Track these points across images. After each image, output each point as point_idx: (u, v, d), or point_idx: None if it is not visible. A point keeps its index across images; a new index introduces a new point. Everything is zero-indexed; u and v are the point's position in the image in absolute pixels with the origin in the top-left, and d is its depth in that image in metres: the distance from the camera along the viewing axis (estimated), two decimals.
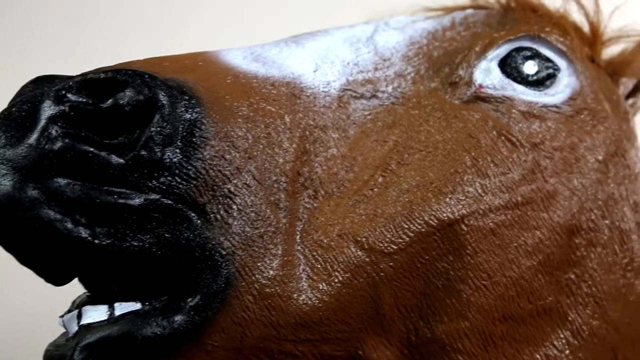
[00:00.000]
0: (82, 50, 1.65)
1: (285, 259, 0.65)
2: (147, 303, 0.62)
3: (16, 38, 1.75)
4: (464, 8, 0.96)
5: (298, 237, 0.67)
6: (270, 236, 0.64)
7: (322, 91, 0.76)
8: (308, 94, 0.74)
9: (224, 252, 0.62)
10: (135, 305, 0.62)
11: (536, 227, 0.76)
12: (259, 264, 0.63)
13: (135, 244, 0.60)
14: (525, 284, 0.74)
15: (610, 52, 1.00)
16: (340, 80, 0.78)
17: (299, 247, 0.66)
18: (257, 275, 0.63)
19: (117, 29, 1.72)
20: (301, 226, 0.67)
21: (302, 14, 1.47)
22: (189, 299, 0.61)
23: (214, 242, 0.62)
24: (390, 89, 0.80)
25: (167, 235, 0.60)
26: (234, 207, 0.63)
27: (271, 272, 0.63)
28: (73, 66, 0.75)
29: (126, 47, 1.64)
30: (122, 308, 0.61)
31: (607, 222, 0.82)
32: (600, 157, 0.84)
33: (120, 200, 0.60)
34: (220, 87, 0.68)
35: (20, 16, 1.78)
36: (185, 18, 1.71)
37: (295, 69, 0.76)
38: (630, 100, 1.05)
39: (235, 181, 0.64)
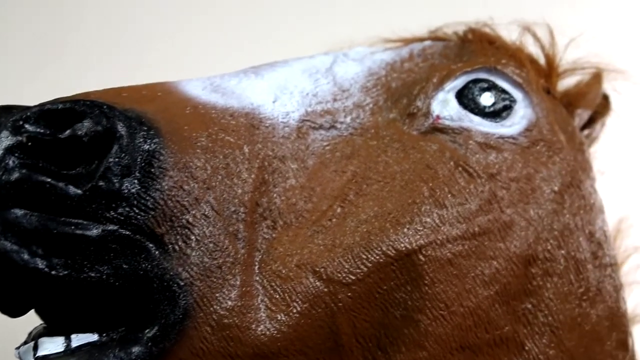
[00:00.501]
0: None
1: (243, 289, 0.65)
2: (104, 334, 0.62)
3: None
4: (422, 40, 0.98)
5: (256, 267, 0.67)
6: (229, 267, 0.65)
7: (281, 122, 0.77)
8: (267, 125, 0.75)
9: (182, 283, 0.62)
10: (93, 337, 0.62)
11: (493, 257, 0.77)
12: (217, 295, 0.63)
13: (92, 275, 0.60)
14: (482, 314, 0.75)
15: (565, 84, 1.02)
16: (299, 111, 0.79)
17: (258, 278, 0.67)
18: (215, 306, 0.63)
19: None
20: (260, 257, 0.68)
21: (260, 45, 1.48)
22: (147, 330, 0.61)
23: (172, 273, 0.62)
24: (348, 119, 0.81)
25: (124, 266, 0.61)
26: (193, 237, 0.64)
27: (229, 303, 0.64)
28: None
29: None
30: (79, 339, 0.61)
31: (563, 252, 0.83)
32: (556, 188, 0.85)
33: (78, 231, 0.60)
34: (179, 118, 0.69)
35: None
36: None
37: (254, 100, 0.78)
38: (586, 131, 1.07)
39: (193, 212, 0.64)
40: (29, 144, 0.60)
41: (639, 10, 1.74)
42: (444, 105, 0.85)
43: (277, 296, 0.67)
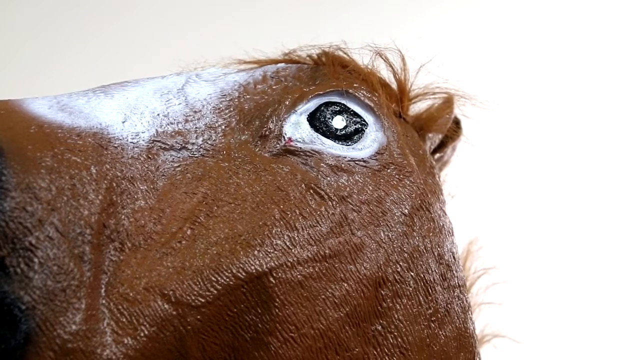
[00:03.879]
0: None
1: (88, 313, 0.67)
2: None
3: None
4: (275, 62, 1.02)
5: (103, 290, 0.69)
6: (74, 290, 0.66)
7: (131, 142, 0.79)
8: (116, 145, 0.77)
9: (24, 307, 0.63)
10: None
11: (344, 279, 0.80)
12: (60, 319, 0.65)
13: None
14: (332, 336, 0.79)
15: (417, 108, 1.09)
16: (149, 132, 0.82)
17: (104, 301, 0.69)
18: (58, 330, 0.65)
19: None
20: (106, 279, 0.70)
21: (110, 64, 1.49)
22: None
23: (12, 297, 0.63)
24: (200, 141, 0.84)
25: None
26: (36, 260, 0.65)
27: (74, 327, 0.65)
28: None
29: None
30: None
31: (412, 273, 0.87)
32: (406, 211, 0.90)
33: None
34: (23, 137, 0.70)
35: None
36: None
37: (103, 120, 0.80)
38: (437, 155, 1.14)
39: (37, 234, 0.66)
40: None
41: (489, 38, 1.87)
42: (296, 128, 0.89)
43: (124, 320, 0.69)
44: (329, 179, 0.86)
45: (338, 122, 0.91)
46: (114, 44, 1.70)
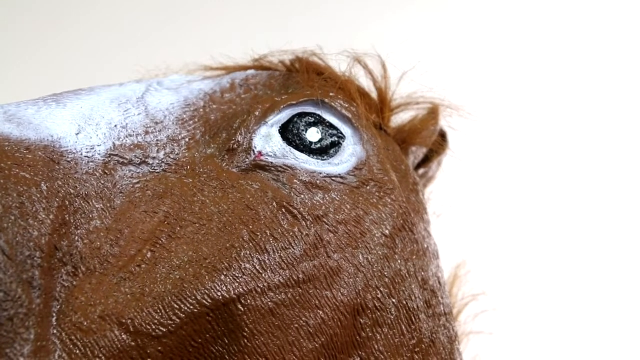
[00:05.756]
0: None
1: (38, 344, 0.66)
2: None
3: None
4: (245, 68, 1.03)
5: (54, 319, 0.69)
6: (22, 319, 0.66)
7: (85, 156, 0.79)
8: (69, 159, 0.77)
9: None
10: None
11: (319, 306, 0.80)
12: (7, 351, 0.64)
13: None
14: None
15: (399, 119, 1.09)
16: (106, 145, 0.82)
17: (55, 331, 0.68)
18: None
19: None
20: (58, 307, 0.70)
21: (64, 69, 1.49)
22: None
23: None
24: (161, 154, 0.85)
25: None
26: None
27: None
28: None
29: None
30: None
31: (393, 300, 0.87)
32: (386, 231, 0.90)
33: None
34: None
35: None
36: None
37: (54, 131, 0.79)
38: (421, 170, 1.15)
39: None
40: None
41: (477, 42, 1.88)
42: (267, 141, 0.89)
43: (77, 351, 0.68)
44: (302, 196, 0.86)
45: (312, 134, 0.92)
46: (66, 46, 1.70)
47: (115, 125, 0.85)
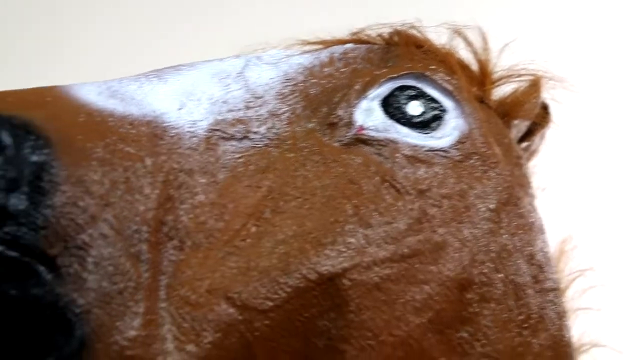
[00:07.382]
0: None
1: (148, 317, 0.67)
2: None
3: None
4: (343, 42, 1.01)
5: (162, 293, 0.69)
6: (131, 292, 0.66)
7: (188, 131, 0.79)
8: (172, 135, 0.78)
9: (78, 311, 0.64)
10: None
11: (424, 281, 0.79)
12: (118, 324, 0.65)
13: None
14: (414, 344, 0.78)
15: (501, 92, 1.07)
16: (207, 120, 0.82)
17: (164, 305, 0.69)
18: (116, 336, 0.65)
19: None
20: (166, 281, 0.70)
21: (164, 46, 1.51)
22: None
23: (66, 300, 0.63)
24: (263, 129, 0.84)
25: (12, 292, 0.62)
26: (89, 260, 0.65)
27: (132, 333, 0.65)
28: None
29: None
30: None
31: (500, 275, 0.86)
32: (491, 206, 0.89)
33: None
34: (72, 126, 0.71)
35: None
36: None
37: (157, 107, 0.80)
38: (524, 144, 1.12)
39: (90, 231, 0.66)
40: None
41: (577, 14, 1.84)
42: (368, 115, 0.89)
43: (186, 325, 0.69)
44: (405, 170, 0.85)
45: (414, 108, 0.90)
46: (174, 20, 1.71)
47: (217, 101, 0.84)
